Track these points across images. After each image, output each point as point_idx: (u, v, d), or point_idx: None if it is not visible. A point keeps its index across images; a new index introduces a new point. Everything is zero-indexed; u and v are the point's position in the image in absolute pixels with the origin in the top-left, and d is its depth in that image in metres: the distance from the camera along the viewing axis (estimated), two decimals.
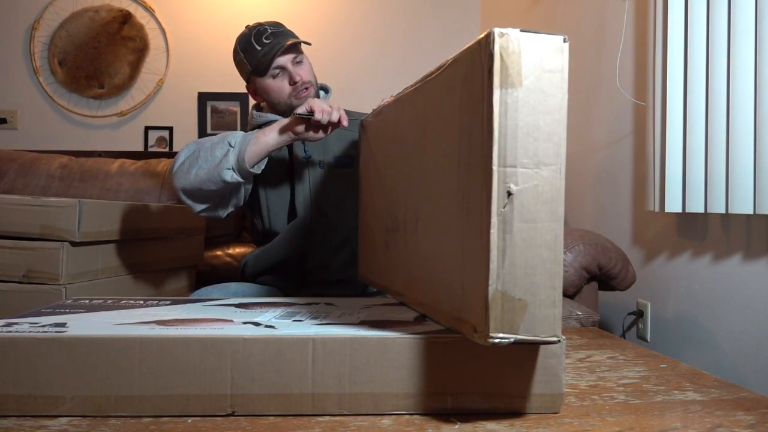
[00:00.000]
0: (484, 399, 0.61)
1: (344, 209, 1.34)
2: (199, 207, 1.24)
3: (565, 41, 0.56)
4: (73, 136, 2.90)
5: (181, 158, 1.21)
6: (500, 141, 0.54)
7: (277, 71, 1.32)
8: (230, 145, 1.16)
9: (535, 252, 0.55)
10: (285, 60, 1.31)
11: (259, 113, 1.40)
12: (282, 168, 1.35)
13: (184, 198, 1.22)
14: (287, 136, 1.18)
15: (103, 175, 2.07)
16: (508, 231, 0.54)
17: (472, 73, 0.58)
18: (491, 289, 0.54)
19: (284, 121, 1.18)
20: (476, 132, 0.57)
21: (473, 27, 3.13)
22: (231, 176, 1.15)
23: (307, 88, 1.33)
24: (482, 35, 0.56)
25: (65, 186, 2.03)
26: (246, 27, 1.38)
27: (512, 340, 0.54)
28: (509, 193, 0.54)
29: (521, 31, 0.55)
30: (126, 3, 2.92)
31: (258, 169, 1.19)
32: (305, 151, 1.35)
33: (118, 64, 2.91)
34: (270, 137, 1.17)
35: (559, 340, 0.57)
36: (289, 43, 1.30)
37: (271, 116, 1.37)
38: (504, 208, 0.54)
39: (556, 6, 2.37)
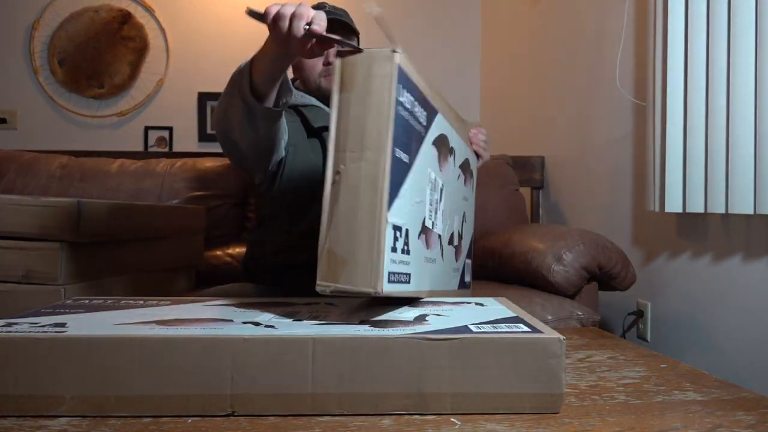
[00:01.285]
0: (483, 400, 0.61)
1: None
2: (239, 148, 1.13)
3: (394, 51, 0.69)
4: (73, 136, 2.90)
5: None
6: (336, 132, 0.69)
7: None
8: (240, 73, 1.00)
9: (356, 218, 0.66)
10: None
11: (298, 91, 1.34)
12: (313, 161, 1.27)
13: (224, 143, 1.13)
14: (279, 52, 0.93)
15: (103, 175, 2.07)
16: (334, 201, 0.67)
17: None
18: (321, 246, 0.66)
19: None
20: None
21: (473, 27, 3.13)
22: (250, 100, 1.00)
23: None
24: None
25: (65, 186, 2.03)
26: None
27: (332, 288, 0.65)
28: (338, 172, 0.67)
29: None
30: (126, 3, 2.92)
31: (270, 101, 1.03)
32: None
33: (118, 64, 2.91)
34: (267, 55, 0.94)
35: (377, 293, 0.64)
36: (340, 20, 1.26)
37: (310, 99, 1.33)
38: (333, 184, 0.67)
39: (556, 6, 2.37)
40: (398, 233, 0.70)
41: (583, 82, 2.14)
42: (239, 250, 2.02)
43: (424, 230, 0.80)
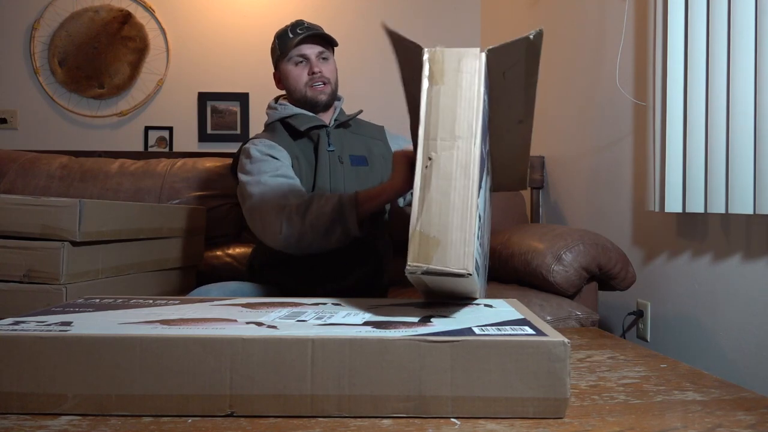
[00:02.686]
0: (485, 404, 0.60)
1: None
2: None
3: (481, 51, 0.74)
4: (73, 136, 2.90)
5: (284, 232, 1.19)
6: (426, 121, 0.72)
7: (301, 59, 1.38)
8: (340, 223, 1.16)
9: (449, 201, 0.69)
10: (311, 51, 1.38)
11: (281, 104, 1.44)
12: (307, 160, 1.37)
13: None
14: (392, 197, 1.17)
15: (103, 175, 2.07)
16: (426, 185, 0.69)
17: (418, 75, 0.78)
18: (412, 228, 0.68)
19: (390, 185, 1.15)
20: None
21: (473, 27, 3.13)
22: (354, 233, 1.18)
23: (324, 83, 1.39)
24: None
25: (65, 186, 2.03)
26: None
27: (423, 269, 0.66)
28: (429, 158, 0.70)
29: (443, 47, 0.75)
30: (126, 3, 2.92)
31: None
32: (329, 144, 1.37)
33: (118, 64, 2.91)
34: (379, 202, 1.16)
35: (469, 274, 0.66)
36: (319, 33, 1.37)
37: (293, 109, 1.41)
38: (425, 168, 0.70)
39: (556, 6, 2.37)
40: (479, 222, 0.73)
41: (583, 82, 2.14)
42: (239, 250, 2.02)
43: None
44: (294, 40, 1.37)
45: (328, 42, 1.42)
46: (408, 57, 0.82)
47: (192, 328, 0.65)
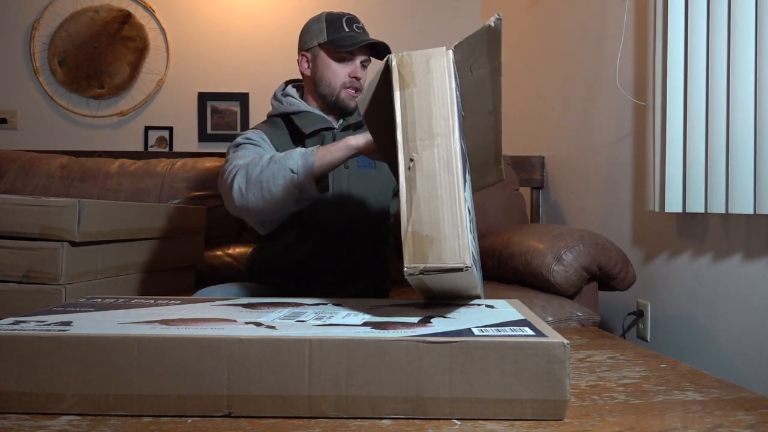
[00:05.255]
0: (484, 405, 0.60)
1: (364, 211, 1.33)
2: (258, 226, 1.28)
3: (447, 49, 0.75)
4: (73, 136, 2.90)
5: (236, 186, 1.15)
6: (403, 124, 0.73)
7: (348, 57, 1.34)
8: (292, 172, 1.10)
9: (437, 197, 0.69)
10: (360, 55, 1.34)
11: (287, 99, 1.38)
12: None
13: (244, 217, 1.22)
14: (352, 153, 1.11)
15: (103, 175, 2.06)
16: (412, 187, 0.70)
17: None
18: (404, 231, 0.68)
19: (353, 140, 1.10)
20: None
21: (473, 27, 3.12)
22: (305, 202, 1.15)
23: (357, 89, 1.35)
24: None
25: (65, 186, 2.03)
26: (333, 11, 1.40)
27: (421, 268, 0.67)
28: (411, 160, 0.71)
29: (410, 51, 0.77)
30: (126, 3, 2.92)
31: (324, 190, 1.15)
32: None
33: (118, 64, 2.91)
34: (336, 156, 1.10)
35: (468, 267, 0.66)
36: (376, 42, 1.32)
37: (300, 104, 1.36)
38: (408, 171, 0.71)
39: (556, 6, 2.37)
40: (469, 215, 0.73)
41: (583, 82, 2.14)
42: (239, 250, 2.02)
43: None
44: (352, 39, 1.31)
45: (376, 52, 1.36)
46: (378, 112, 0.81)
47: (191, 328, 0.65)
